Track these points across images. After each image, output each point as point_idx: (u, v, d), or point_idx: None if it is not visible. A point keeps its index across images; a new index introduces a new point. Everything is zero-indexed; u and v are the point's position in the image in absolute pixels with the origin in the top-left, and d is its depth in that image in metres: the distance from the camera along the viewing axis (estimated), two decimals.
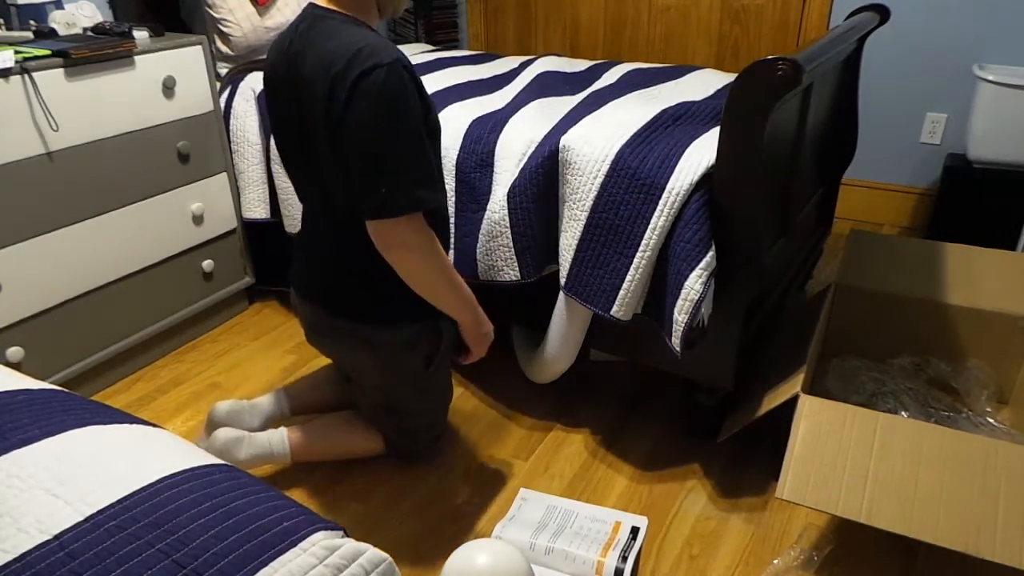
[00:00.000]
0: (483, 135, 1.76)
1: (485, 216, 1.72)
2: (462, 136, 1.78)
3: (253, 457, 1.59)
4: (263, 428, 1.70)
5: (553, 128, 1.69)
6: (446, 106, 1.91)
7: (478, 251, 1.73)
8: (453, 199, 1.79)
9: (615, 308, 1.55)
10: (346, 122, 1.24)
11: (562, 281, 1.63)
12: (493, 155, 1.73)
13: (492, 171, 1.73)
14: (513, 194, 1.65)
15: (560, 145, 1.61)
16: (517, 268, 1.68)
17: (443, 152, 1.79)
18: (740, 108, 1.38)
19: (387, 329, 1.47)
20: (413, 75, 1.28)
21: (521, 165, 1.68)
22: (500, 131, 1.75)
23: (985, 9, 2.57)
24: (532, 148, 1.69)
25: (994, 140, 2.46)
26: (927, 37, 2.68)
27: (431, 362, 1.55)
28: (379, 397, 1.59)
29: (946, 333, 1.83)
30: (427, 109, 1.34)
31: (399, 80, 1.24)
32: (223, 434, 1.59)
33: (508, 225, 1.66)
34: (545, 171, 1.61)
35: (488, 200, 1.74)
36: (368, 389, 1.60)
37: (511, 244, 1.67)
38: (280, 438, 1.62)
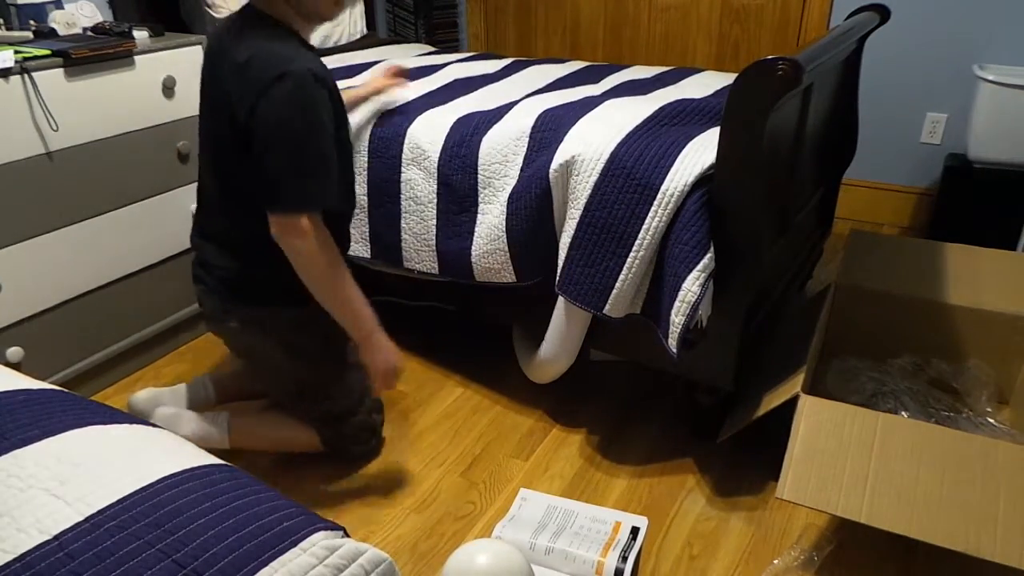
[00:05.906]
0: (466, 136, 1.75)
1: (481, 220, 1.71)
2: (444, 137, 1.77)
3: (194, 434, 1.61)
4: None
5: (547, 130, 1.69)
6: (428, 108, 1.89)
7: (474, 253, 1.74)
8: (435, 201, 1.79)
9: (608, 307, 1.55)
10: (259, 123, 1.34)
11: (556, 280, 1.63)
12: (476, 157, 1.73)
13: (476, 174, 1.73)
14: (512, 199, 1.65)
15: (557, 148, 1.60)
16: (513, 272, 1.70)
17: (424, 152, 1.79)
18: (740, 108, 1.38)
19: (279, 309, 1.52)
20: (326, 85, 1.40)
21: (518, 167, 1.68)
22: (484, 133, 1.74)
23: (985, 9, 2.57)
24: (523, 151, 1.68)
25: (994, 140, 2.46)
26: (927, 37, 2.68)
27: (329, 339, 1.57)
28: (284, 382, 1.62)
29: (946, 333, 1.83)
30: (339, 122, 1.46)
31: (306, 88, 1.34)
32: (162, 412, 1.63)
33: (504, 230, 1.66)
34: (542, 176, 1.60)
35: (474, 202, 1.73)
36: (272, 376, 1.64)
37: (506, 248, 1.67)
38: (223, 419, 1.64)
